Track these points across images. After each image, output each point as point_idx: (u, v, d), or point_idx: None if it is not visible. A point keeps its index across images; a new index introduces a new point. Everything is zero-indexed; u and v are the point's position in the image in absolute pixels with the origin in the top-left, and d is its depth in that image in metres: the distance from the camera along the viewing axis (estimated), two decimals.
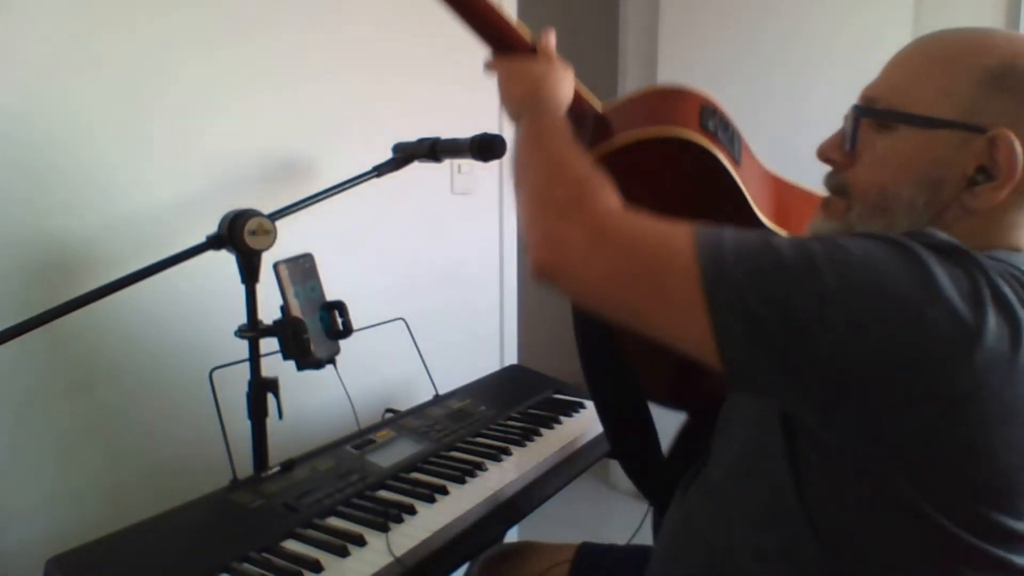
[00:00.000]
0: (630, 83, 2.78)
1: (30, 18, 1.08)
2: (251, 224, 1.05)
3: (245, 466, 1.11)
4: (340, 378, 1.12)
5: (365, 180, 1.29)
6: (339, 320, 1.13)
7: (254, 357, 1.12)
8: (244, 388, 1.12)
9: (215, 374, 1.10)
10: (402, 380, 1.66)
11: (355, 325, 1.15)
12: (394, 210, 1.68)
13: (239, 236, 1.05)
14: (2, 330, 0.89)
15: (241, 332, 1.11)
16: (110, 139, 1.19)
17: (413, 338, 1.45)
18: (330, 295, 1.14)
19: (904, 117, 0.66)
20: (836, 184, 0.74)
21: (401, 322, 1.47)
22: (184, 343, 1.30)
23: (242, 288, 1.10)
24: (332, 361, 1.12)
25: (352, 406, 1.18)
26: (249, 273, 1.09)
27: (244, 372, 1.12)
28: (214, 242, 1.06)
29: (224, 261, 1.09)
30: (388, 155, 1.36)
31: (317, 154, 1.50)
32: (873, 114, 0.69)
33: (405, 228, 1.73)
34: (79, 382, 1.18)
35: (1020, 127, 0.62)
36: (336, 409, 1.47)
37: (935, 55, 0.68)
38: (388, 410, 1.38)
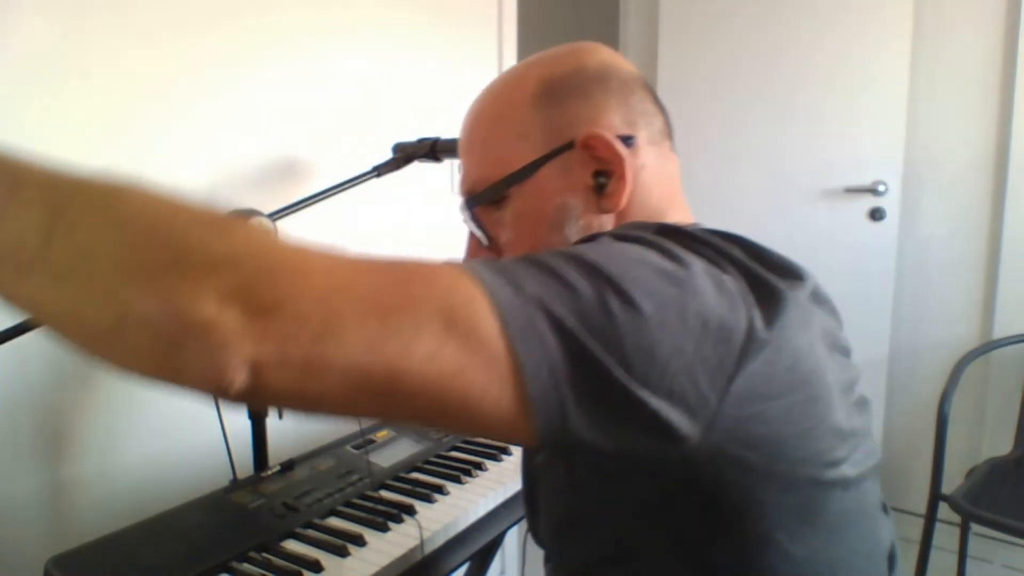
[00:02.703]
0: None
1: (27, 19, 1.08)
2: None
3: (245, 466, 1.11)
4: None
5: (365, 180, 1.29)
6: None
7: None
8: None
9: None
10: None
11: None
12: (394, 210, 1.68)
13: None
14: (2, 330, 0.89)
15: None
16: (109, 139, 1.19)
17: None
18: None
19: (504, 182, 0.65)
20: None
21: None
22: None
23: None
24: None
25: None
26: None
27: None
28: None
29: None
30: (388, 155, 1.36)
31: (317, 154, 1.50)
32: (478, 199, 0.67)
33: (405, 228, 1.73)
34: (79, 382, 1.18)
35: (598, 120, 0.63)
36: None
37: (487, 117, 0.68)
38: None
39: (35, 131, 1.10)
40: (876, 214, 2.25)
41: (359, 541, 0.93)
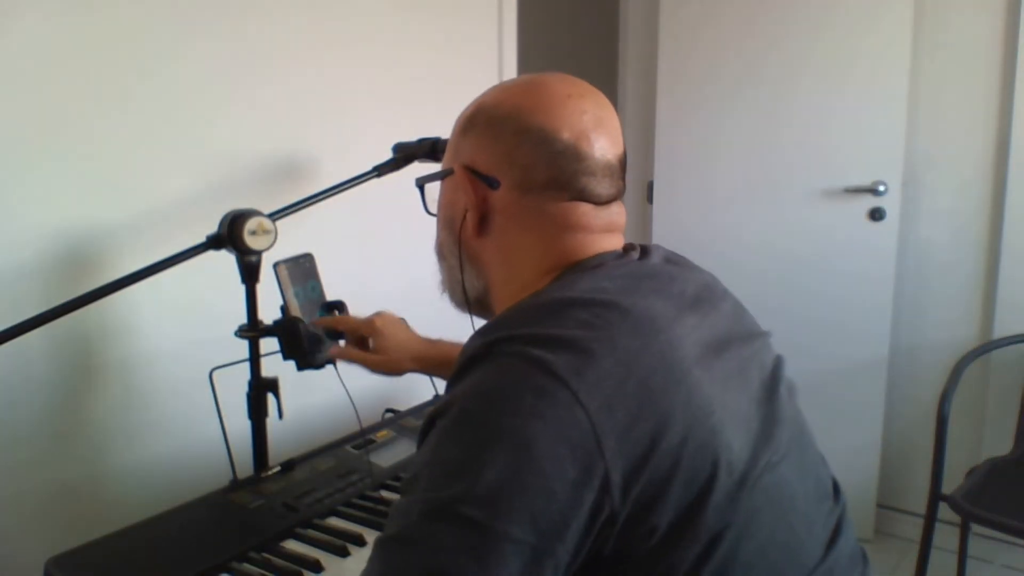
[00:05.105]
0: (630, 83, 2.78)
1: (28, 19, 1.08)
2: (251, 224, 1.05)
3: (245, 466, 1.11)
4: (340, 378, 1.12)
5: (365, 180, 1.29)
6: None
7: (254, 357, 1.12)
8: (244, 388, 1.12)
9: (215, 374, 1.10)
10: (402, 380, 1.66)
11: None
12: (394, 210, 1.68)
13: (239, 236, 1.05)
14: (2, 330, 0.89)
15: (241, 332, 1.12)
16: (109, 140, 1.19)
17: None
18: (330, 295, 1.14)
19: (426, 178, 0.81)
20: None
21: None
22: (184, 343, 1.30)
23: (242, 288, 1.10)
24: (332, 361, 1.12)
25: (353, 406, 1.18)
26: (249, 273, 1.09)
27: (244, 372, 1.12)
28: (214, 242, 1.06)
29: (224, 261, 1.09)
30: (388, 155, 1.36)
31: (317, 154, 1.50)
32: (421, 179, 0.83)
33: (405, 228, 1.72)
34: (79, 382, 1.18)
35: (476, 155, 0.74)
36: (336, 409, 1.47)
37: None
38: (388, 410, 1.38)
39: (36, 131, 1.10)
40: (876, 214, 2.25)
41: (359, 541, 0.93)
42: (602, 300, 0.64)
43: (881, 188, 2.24)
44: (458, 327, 2.01)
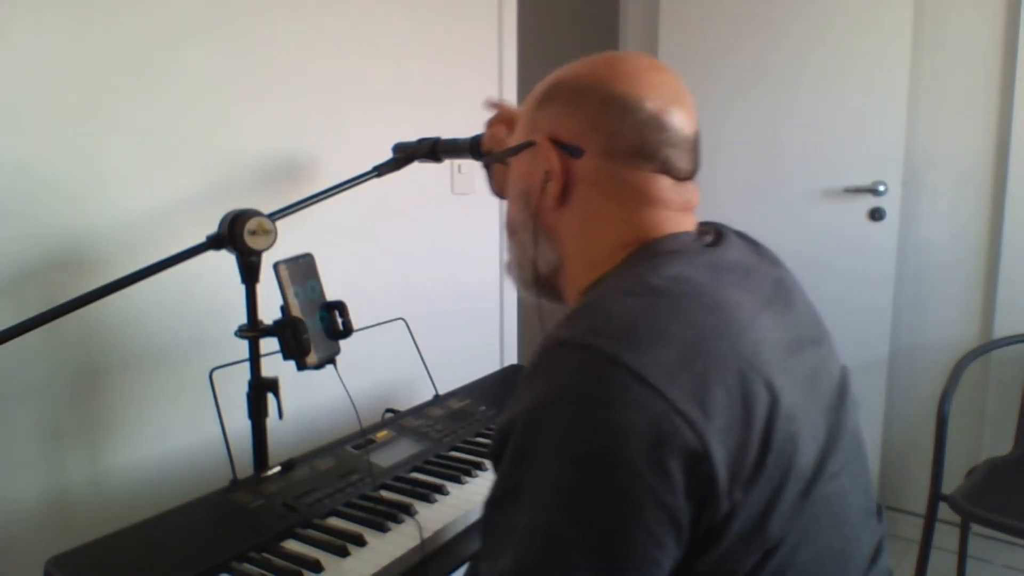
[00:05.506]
0: None
1: (29, 20, 1.08)
2: (251, 224, 1.05)
3: (245, 466, 1.11)
4: (340, 378, 1.12)
5: (365, 180, 1.29)
6: (339, 320, 1.13)
7: (254, 357, 1.12)
8: (244, 388, 1.12)
9: (215, 374, 1.10)
10: (402, 380, 1.67)
11: (355, 325, 1.15)
12: (394, 210, 1.68)
13: (239, 236, 1.04)
14: (2, 330, 0.89)
15: (241, 332, 1.11)
16: (109, 140, 1.19)
17: (413, 338, 1.45)
18: (330, 295, 1.14)
19: (501, 153, 0.80)
20: None
21: (401, 322, 1.47)
22: (184, 343, 1.30)
23: (242, 288, 1.10)
24: (332, 361, 1.12)
25: (353, 406, 1.18)
26: (249, 273, 1.09)
27: (244, 372, 1.12)
28: (214, 242, 1.06)
29: (224, 261, 1.09)
30: (388, 155, 1.36)
31: (317, 154, 1.50)
32: (490, 157, 0.82)
33: (405, 228, 1.73)
34: (79, 382, 1.18)
35: (557, 126, 0.73)
36: (336, 409, 1.47)
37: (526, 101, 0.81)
38: (388, 410, 1.38)
39: (35, 130, 1.10)
40: (876, 214, 2.25)
41: (359, 541, 0.93)
42: (688, 293, 0.63)
43: (881, 188, 2.24)
44: (456, 327, 2.02)
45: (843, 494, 0.65)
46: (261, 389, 1.12)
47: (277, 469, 1.10)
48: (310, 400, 1.44)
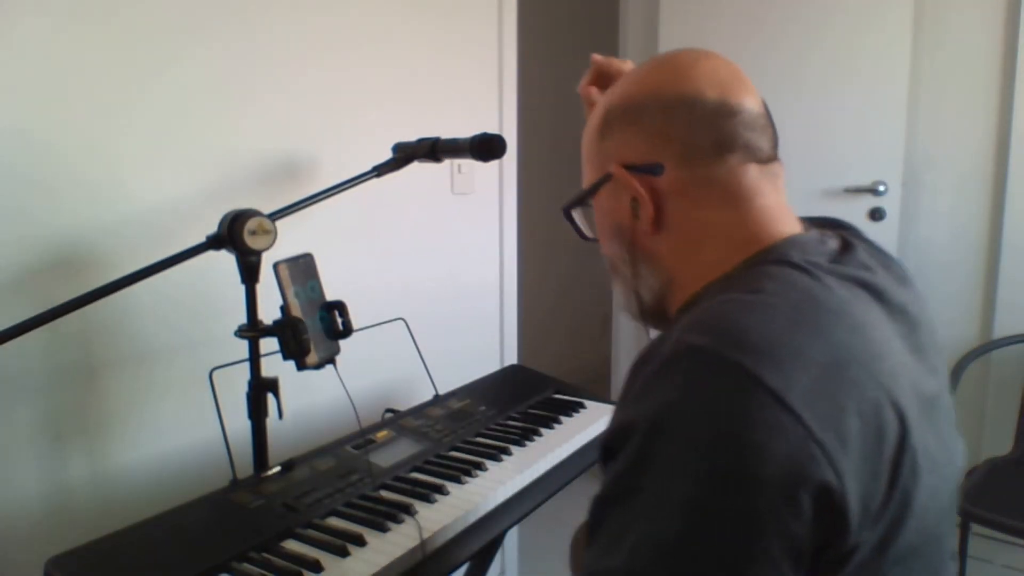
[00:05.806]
0: None
1: (32, 22, 1.08)
2: (251, 224, 1.05)
3: (245, 466, 1.11)
4: (340, 378, 1.12)
5: (365, 180, 1.29)
6: (339, 320, 1.13)
7: (254, 357, 1.12)
8: (244, 388, 1.12)
9: (215, 374, 1.10)
10: (402, 380, 1.67)
11: (355, 325, 1.15)
12: (394, 210, 1.68)
13: (239, 236, 1.05)
14: (2, 330, 0.89)
15: (241, 332, 1.12)
16: (109, 141, 1.19)
17: (413, 338, 1.45)
18: (330, 295, 1.15)
19: (579, 198, 0.77)
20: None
21: (401, 322, 1.47)
22: (184, 343, 1.30)
23: (242, 288, 1.10)
24: (332, 361, 1.12)
25: (353, 406, 1.18)
26: (249, 273, 1.09)
27: (244, 372, 1.12)
28: (214, 242, 1.06)
29: (224, 261, 1.09)
30: (388, 155, 1.36)
31: (317, 154, 1.50)
32: (569, 204, 0.79)
33: (405, 228, 1.73)
34: (79, 382, 1.18)
35: (626, 151, 0.71)
36: (336, 409, 1.47)
37: (584, 139, 0.79)
38: (388, 410, 1.38)
39: (35, 131, 1.10)
40: (876, 214, 2.25)
41: (359, 541, 0.93)
42: (829, 309, 0.60)
43: (881, 188, 2.24)
44: (456, 327, 2.02)
45: (942, 536, 0.64)
46: (261, 389, 1.13)
47: (277, 469, 1.10)
48: (310, 400, 1.44)
